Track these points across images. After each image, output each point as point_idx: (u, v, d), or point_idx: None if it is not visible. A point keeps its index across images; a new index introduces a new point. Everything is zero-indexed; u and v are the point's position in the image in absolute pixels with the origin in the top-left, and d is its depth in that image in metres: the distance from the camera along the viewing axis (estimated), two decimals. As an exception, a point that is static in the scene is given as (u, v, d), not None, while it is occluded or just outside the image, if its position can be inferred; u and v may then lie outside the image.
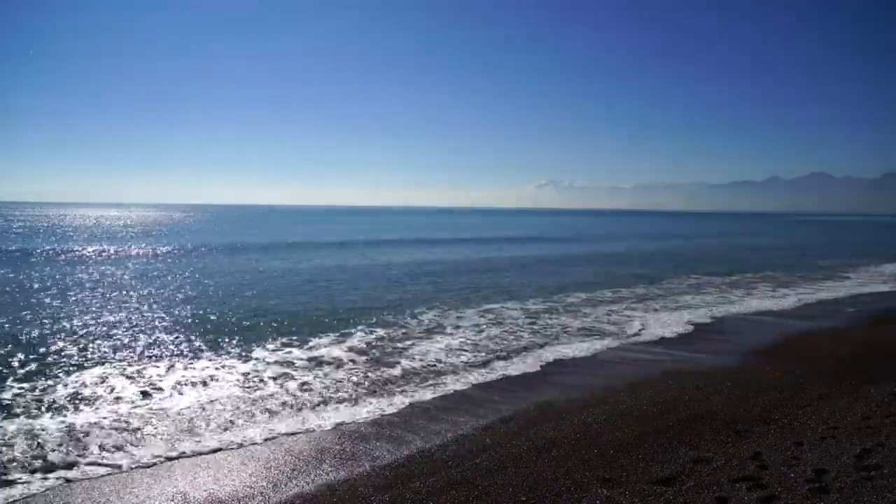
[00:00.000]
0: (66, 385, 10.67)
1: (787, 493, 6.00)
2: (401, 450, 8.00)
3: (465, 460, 7.49)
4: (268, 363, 12.44)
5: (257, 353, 13.30)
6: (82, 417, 9.16)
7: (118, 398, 10.12)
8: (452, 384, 11.24)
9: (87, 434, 8.55)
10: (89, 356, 12.75)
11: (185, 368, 11.96)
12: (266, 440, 8.48)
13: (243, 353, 13.21)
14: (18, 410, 9.39)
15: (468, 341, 14.81)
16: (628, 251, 48.17)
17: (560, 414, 9.21)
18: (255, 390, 10.70)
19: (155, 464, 7.66)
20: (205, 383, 11.00)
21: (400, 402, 10.21)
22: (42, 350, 13.11)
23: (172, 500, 6.67)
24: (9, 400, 9.83)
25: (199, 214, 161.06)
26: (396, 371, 12.10)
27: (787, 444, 7.38)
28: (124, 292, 22.29)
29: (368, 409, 9.80)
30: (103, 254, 38.73)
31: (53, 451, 7.94)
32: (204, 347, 13.75)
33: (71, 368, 11.75)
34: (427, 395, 10.60)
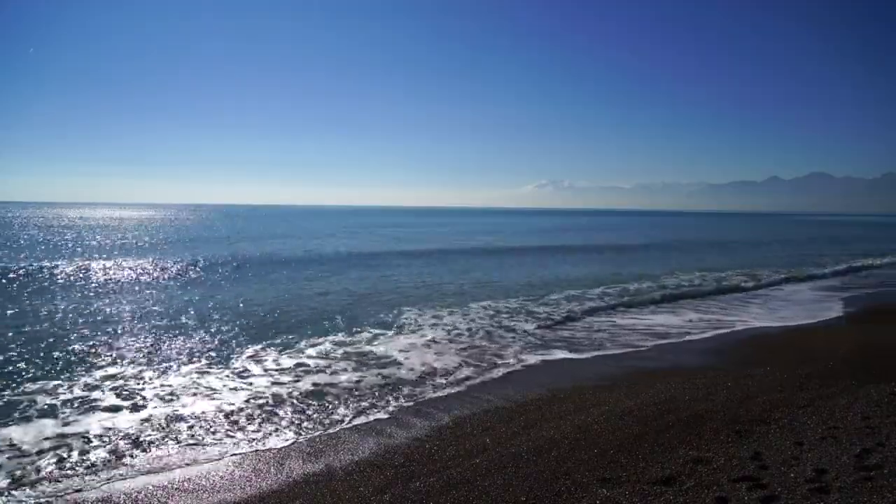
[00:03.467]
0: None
1: (787, 493, 6.00)
2: (400, 450, 8.00)
3: (465, 460, 7.49)
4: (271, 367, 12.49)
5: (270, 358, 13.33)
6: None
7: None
8: (452, 385, 11.26)
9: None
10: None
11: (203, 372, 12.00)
12: (267, 440, 8.50)
13: (258, 357, 13.25)
14: None
15: (465, 343, 14.83)
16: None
17: (560, 414, 9.21)
18: (258, 395, 10.72)
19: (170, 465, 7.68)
20: (218, 385, 11.05)
21: (399, 403, 10.22)
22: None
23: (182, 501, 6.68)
24: None
25: (208, 215, 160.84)
26: (394, 372, 12.11)
27: (787, 444, 7.38)
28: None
29: (369, 411, 9.81)
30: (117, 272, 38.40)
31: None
32: (217, 346, 13.77)
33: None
34: (426, 396, 10.61)
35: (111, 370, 11.82)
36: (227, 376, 11.52)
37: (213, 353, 13.31)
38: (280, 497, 6.71)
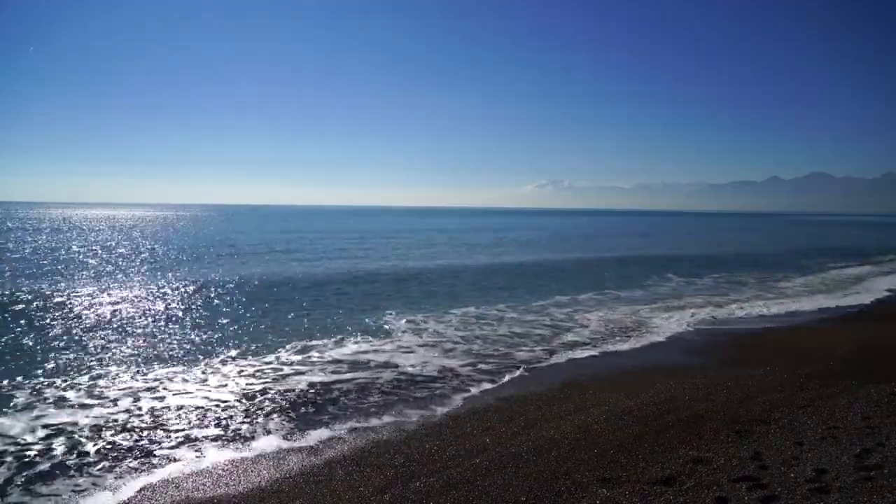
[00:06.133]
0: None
1: (787, 493, 6.00)
2: (400, 450, 8.00)
3: (465, 460, 7.49)
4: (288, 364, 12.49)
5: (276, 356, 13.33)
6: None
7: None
8: (451, 385, 11.25)
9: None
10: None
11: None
12: (267, 440, 8.50)
13: (265, 358, 13.26)
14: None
15: (465, 345, 14.84)
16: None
17: (560, 414, 9.21)
18: (258, 397, 10.72)
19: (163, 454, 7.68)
20: (234, 381, 11.05)
21: (399, 403, 10.22)
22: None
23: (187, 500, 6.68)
24: None
25: (208, 215, 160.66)
26: (393, 373, 12.11)
27: (787, 444, 7.38)
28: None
29: (370, 411, 9.81)
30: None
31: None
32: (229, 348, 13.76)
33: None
34: (427, 396, 10.61)
35: (121, 372, 11.85)
36: (226, 377, 11.54)
37: (213, 354, 13.32)
38: (280, 497, 6.70)
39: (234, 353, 13.52)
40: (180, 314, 18.07)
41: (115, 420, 9.15)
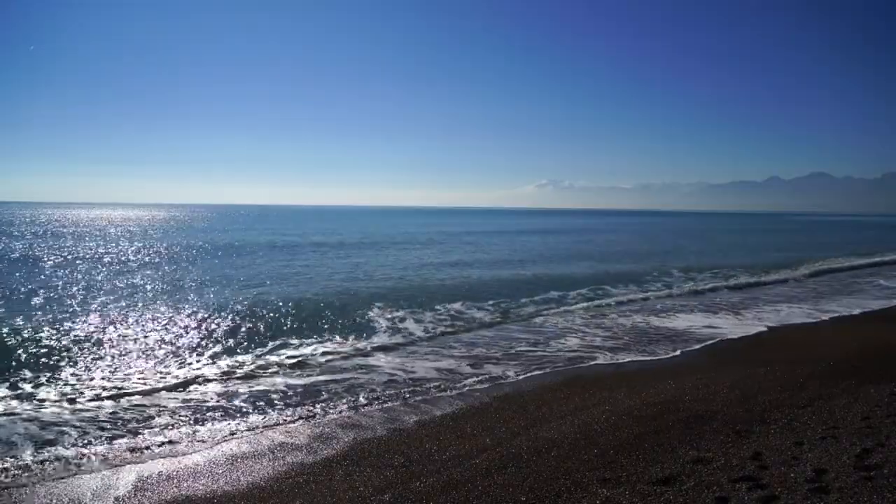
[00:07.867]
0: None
1: (787, 493, 5.99)
2: (400, 450, 8.00)
3: (465, 460, 7.48)
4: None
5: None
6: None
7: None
8: (450, 386, 11.25)
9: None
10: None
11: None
12: (266, 440, 8.50)
13: (262, 358, 13.24)
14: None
15: (464, 347, 14.83)
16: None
17: (560, 414, 9.21)
18: (257, 396, 10.72)
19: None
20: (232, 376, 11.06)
21: (399, 404, 10.22)
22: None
23: (192, 489, 6.68)
24: None
25: (219, 215, 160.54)
26: (393, 374, 12.11)
27: (787, 444, 7.37)
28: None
29: (370, 412, 9.81)
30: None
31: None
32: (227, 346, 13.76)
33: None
34: (426, 397, 10.61)
35: (117, 373, 11.85)
36: (223, 378, 11.54)
37: (211, 355, 13.34)
38: (280, 497, 6.70)
39: (228, 353, 13.55)
40: (174, 317, 18.06)
41: (113, 419, 9.17)
